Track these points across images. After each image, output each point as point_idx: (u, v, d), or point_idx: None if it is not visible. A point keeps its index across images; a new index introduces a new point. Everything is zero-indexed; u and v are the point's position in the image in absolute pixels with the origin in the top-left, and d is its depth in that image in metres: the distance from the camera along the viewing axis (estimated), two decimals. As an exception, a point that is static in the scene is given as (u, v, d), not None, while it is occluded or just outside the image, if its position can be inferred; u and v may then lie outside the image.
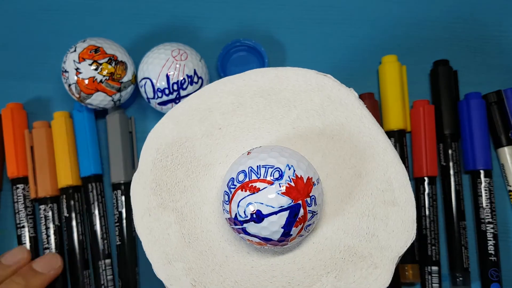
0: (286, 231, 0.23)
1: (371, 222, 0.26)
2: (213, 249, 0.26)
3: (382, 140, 0.27)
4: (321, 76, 0.28)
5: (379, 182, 0.27)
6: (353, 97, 0.28)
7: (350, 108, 0.27)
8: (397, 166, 0.27)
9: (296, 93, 0.28)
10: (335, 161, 0.27)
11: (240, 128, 0.27)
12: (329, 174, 0.27)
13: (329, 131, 0.27)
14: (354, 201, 0.27)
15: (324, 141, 0.27)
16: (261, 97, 0.28)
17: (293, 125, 0.27)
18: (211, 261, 0.26)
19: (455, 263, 0.38)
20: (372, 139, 0.27)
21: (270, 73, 0.28)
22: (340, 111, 0.27)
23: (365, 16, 0.43)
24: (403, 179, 0.27)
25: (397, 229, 0.26)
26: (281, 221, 0.23)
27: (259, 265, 0.26)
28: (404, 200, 0.26)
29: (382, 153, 0.27)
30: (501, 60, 0.42)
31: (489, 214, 0.38)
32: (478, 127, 0.38)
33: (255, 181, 0.23)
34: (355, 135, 0.27)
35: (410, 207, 0.26)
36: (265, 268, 0.26)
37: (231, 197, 0.23)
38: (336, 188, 0.27)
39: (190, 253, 0.26)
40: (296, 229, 0.23)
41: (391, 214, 0.26)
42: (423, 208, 0.38)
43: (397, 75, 0.39)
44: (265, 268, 0.26)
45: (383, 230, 0.26)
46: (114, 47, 0.37)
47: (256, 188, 0.23)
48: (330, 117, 0.27)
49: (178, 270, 0.25)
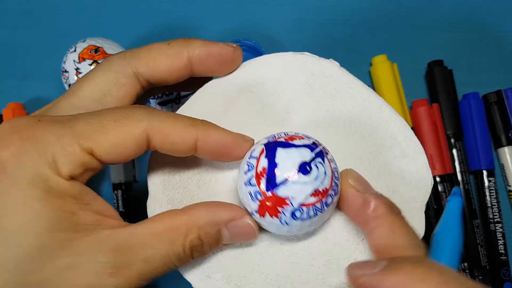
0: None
1: (388, 179, 0.26)
2: (246, 250, 0.26)
3: (375, 100, 0.27)
4: (299, 55, 0.28)
5: (384, 140, 0.27)
6: (335, 67, 0.28)
7: (335, 78, 0.28)
8: (396, 120, 0.27)
9: (280, 78, 0.28)
10: (337, 131, 0.27)
11: (237, 126, 0.27)
12: (336, 145, 0.27)
13: (322, 105, 0.27)
14: (366, 164, 0.27)
15: (321, 116, 0.27)
16: (248, 91, 0.28)
17: (287, 110, 0.27)
18: (248, 262, 0.26)
19: (473, 262, 0.37)
20: (365, 101, 0.27)
21: (250, 65, 0.28)
22: (327, 83, 0.28)
23: (365, 16, 0.43)
24: (406, 130, 0.27)
25: (414, 180, 0.26)
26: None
27: (295, 252, 0.26)
28: (412, 149, 0.27)
29: (378, 111, 0.27)
30: (501, 60, 0.42)
31: (497, 214, 0.38)
32: (479, 127, 0.39)
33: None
34: (348, 101, 0.27)
35: (419, 154, 0.26)
36: (302, 253, 0.26)
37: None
38: (346, 158, 0.27)
39: (225, 261, 0.26)
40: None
41: (404, 167, 0.26)
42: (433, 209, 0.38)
43: (390, 75, 0.40)
44: (302, 253, 0.26)
45: (401, 183, 0.26)
46: (114, 47, 0.37)
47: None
48: (319, 92, 0.28)
49: (219, 280, 0.25)
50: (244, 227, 0.24)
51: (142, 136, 0.22)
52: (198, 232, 0.23)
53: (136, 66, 0.25)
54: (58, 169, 0.21)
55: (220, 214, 0.24)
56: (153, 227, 0.22)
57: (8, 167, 0.21)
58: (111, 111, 0.22)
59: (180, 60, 0.25)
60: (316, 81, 0.28)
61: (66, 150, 0.21)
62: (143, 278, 0.22)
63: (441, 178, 0.38)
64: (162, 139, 0.22)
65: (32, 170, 0.20)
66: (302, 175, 0.22)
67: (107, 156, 0.22)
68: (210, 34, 0.43)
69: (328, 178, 0.23)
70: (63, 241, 0.21)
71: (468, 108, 0.39)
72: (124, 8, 0.44)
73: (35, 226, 0.20)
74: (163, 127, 0.22)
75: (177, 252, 0.22)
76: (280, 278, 0.25)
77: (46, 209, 0.20)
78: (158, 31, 0.43)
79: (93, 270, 0.21)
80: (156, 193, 0.27)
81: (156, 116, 0.22)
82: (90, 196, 0.22)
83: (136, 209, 0.39)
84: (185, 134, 0.22)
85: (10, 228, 0.20)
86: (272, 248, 0.26)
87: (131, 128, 0.21)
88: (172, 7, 0.44)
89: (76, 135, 0.21)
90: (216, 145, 0.23)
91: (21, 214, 0.20)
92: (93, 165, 0.22)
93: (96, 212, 0.22)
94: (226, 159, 0.24)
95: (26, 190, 0.20)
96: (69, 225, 0.21)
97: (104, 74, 0.25)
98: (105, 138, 0.21)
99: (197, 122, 0.23)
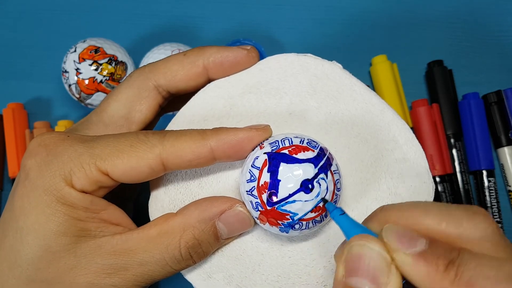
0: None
1: (389, 182, 0.26)
2: (247, 251, 0.26)
3: (377, 103, 0.27)
4: (302, 56, 0.28)
5: (386, 143, 0.27)
6: (338, 69, 0.28)
7: (338, 80, 0.28)
8: (398, 123, 0.27)
9: (283, 79, 0.28)
10: (339, 133, 0.27)
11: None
12: (337, 147, 0.27)
13: (325, 107, 0.27)
14: (368, 167, 0.27)
15: (323, 117, 0.27)
16: (250, 93, 0.28)
17: (289, 111, 0.27)
18: (249, 263, 0.26)
19: None
20: (368, 103, 0.27)
21: (253, 67, 0.28)
22: (330, 85, 0.28)
23: (365, 16, 0.43)
24: (407, 133, 0.27)
25: (414, 184, 0.26)
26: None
27: (296, 253, 0.26)
28: (414, 153, 0.27)
29: (380, 114, 0.27)
30: (501, 60, 0.42)
31: (497, 214, 0.38)
32: (479, 128, 0.39)
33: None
34: (350, 103, 0.27)
35: (420, 159, 0.27)
36: (302, 255, 0.26)
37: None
38: (347, 160, 0.27)
39: (226, 261, 0.26)
40: None
41: (405, 170, 0.26)
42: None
43: (390, 75, 0.40)
44: (303, 255, 0.26)
45: (402, 187, 0.26)
46: (114, 47, 0.37)
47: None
48: (322, 94, 0.28)
49: (220, 280, 0.26)
50: (237, 216, 0.25)
51: (155, 160, 0.23)
52: (192, 232, 0.24)
53: (155, 79, 0.27)
54: (72, 182, 0.23)
55: (211, 209, 0.24)
56: (147, 232, 0.24)
57: (31, 174, 0.23)
58: (129, 136, 0.24)
59: (196, 68, 0.27)
60: (319, 83, 0.28)
61: (83, 167, 0.23)
62: (140, 280, 0.23)
63: (441, 178, 0.38)
64: (177, 160, 0.23)
65: (49, 179, 0.23)
66: (304, 194, 0.23)
67: (122, 177, 0.23)
68: (210, 34, 0.43)
69: (330, 193, 0.23)
70: (67, 244, 0.23)
71: (468, 108, 0.39)
72: (124, 8, 0.44)
73: (43, 228, 0.22)
74: (175, 149, 0.23)
75: (172, 255, 0.23)
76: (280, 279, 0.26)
77: (55, 215, 0.23)
78: (158, 31, 0.43)
79: (92, 270, 0.22)
80: (157, 194, 0.27)
81: (168, 140, 0.23)
82: (100, 206, 0.24)
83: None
84: (198, 149, 0.23)
85: (25, 228, 0.23)
86: (273, 249, 0.26)
87: (145, 154, 0.23)
88: (172, 7, 0.44)
89: (94, 156, 0.23)
90: (231, 147, 0.24)
91: (34, 217, 0.23)
92: (108, 183, 0.24)
93: (103, 220, 0.24)
94: (245, 156, 0.25)
95: (41, 196, 0.23)
96: (74, 230, 0.23)
97: (126, 91, 0.27)
98: (121, 162, 0.23)
99: (207, 134, 0.24)
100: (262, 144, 0.24)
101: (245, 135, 0.24)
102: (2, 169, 0.40)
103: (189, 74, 0.27)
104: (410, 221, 0.19)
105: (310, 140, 0.24)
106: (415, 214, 0.19)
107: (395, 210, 0.20)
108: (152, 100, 0.27)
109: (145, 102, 0.27)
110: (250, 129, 0.24)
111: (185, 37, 0.43)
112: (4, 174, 0.41)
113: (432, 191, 0.26)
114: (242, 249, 0.26)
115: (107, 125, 0.27)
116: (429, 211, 0.19)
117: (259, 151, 0.24)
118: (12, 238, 0.23)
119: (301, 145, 0.23)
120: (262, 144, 0.24)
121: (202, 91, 0.28)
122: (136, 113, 0.27)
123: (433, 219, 0.19)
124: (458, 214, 0.19)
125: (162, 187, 0.27)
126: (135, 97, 0.27)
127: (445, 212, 0.19)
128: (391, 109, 0.27)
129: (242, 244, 0.26)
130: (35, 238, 0.22)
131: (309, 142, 0.24)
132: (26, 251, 0.23)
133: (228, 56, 0.27)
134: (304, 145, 0.23)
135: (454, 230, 0.18)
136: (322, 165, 0.23)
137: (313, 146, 0.24)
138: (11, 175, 0.39)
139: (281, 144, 0.24)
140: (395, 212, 0.19)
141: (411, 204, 0.20)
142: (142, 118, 0.27)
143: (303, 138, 0.24)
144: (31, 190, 0.23)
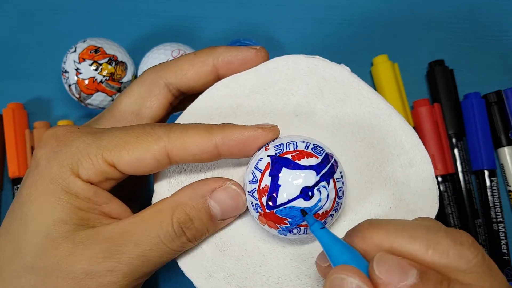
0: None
1: (394, 188, 0.26)
2: (249, 251, 0.26)
3: (384, 107, 0.27)
4: (311, 58, 0.28)
5: (393, 148, 0.27)
6: (346, 72, 0.28)
7: (346, 83, 0.27)
8: (405, 128, 0.27)
9: (290, 80, 0.28)
10: (345, 137, 0.27)
11: None
12: (343, 150, 0.27)
13: (331, 110, 0.27)
14: (373, 171, 0.27)
15: (329, 120, 0.27)
16: (257, 93, 0.27)
17: (296, 113, 0.27)
18: (250, 264, 0.26)
19: None
20: (375, 107, 0.27)
21: (261, 67, 0.28)
22: (337, 88, 0.27)
23: (366, 16, 0.43)
24: (414, 139, 0.27)
25: (420, 189, 0.26)
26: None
27: (297, 255, 0.26)
28: (420, 159, 0.27)
29: (387, 119, 0.27)
30: (501, 60, 0.42)
31: (499, 214, 0.38)
32: (481, 127, 0.39)
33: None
34: (358, 107, 0.27)
35: (426, 165, 0.26)
36: (303, 257, 0.26)
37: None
38: (352, 163, 0.27)
39: (227, 261, 0.26)
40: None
41: (411, 176, 0.26)
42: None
43: (391, 75, 0.40)
44: (304, 257, 0.26)
45: (407, 192, 0.26)
46: (114, 47, 0.37)
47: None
48: (329, 97, 0.27)
49: (221, 280, 0.26)
50: (228, 193, 0.25)
51: (161, 152, 0.24)
52: (184, 208, 0.24)
53: (166, 78, 0.27)
54: (79, 172, 0.24)
55: (202, 186, 0.25)
56: (143, 214, 0.24)
57: (40, 164, 0.24)
58: (136, 128, 0.24)
59: (206, 67, 0.27)
60: (326, 85, 0.27)
61: (90, 158, 0.23)
62: (136, 263, 0.23)
63: (443, 178, 0.38)
64: (182, 153, 0.24)
65: (57, 169, 0.23)
66: (303, 201, 0.23)
67: (128, 168, 0.24)
68: (210, 34, 0.43)
69: (330, 202, 0.23)
70: (66, 231, 0.23)
71: (470, 108, 0.39)
72: (124, 8, 0.44)
73: (45, 216, 0.23)
74: (181, 142, 0.24)
75: (166, 231, 0.24)
76: (281, 281, 0.25)
77: (58, 203, 0.23)
78: (158, 31, 0.43)
79: (88, 256, 0.23)
80: (161, 190, 0.27)
81: (174, 132, 0.24)
82: (103, 198, 0.24)
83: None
84: (203, 143, 0.24)
85: (29, 215, 0.23)
86: (274, 250, 0.26)
87: (151, 145, 0.23)
88: (172, 7, 0.44)
89: (101, 147, 0.24)
90: (236, 145, 0.24)
91: (38, 204, 0.23)
92: (115, 175, 0.24)
93: (103, 213, 0.24)
94: (250, 154, 0.25)
95: (47, 184, 0.23)
96: (75, 219, 0.23)
97: (138, 88, 0.28)
98: (127, 153, 0.23)
99: (213, 128, 0.24)
100: (267, 145, 0.24)
101: (252, 133, 0.24)
102: (2, 169, 0.40)
103: (199, 73, 0.27)
104: (395, 245, 0.19)
105: (316, 146, 0.24)
106: (401, 239, 0.19)
107: (381, 232, 0.20)
108: (163, 97, 0.28)
109: (155, 99, 0.27)
110: (257, 128, 0.24)
111: (185, 37, 0.43)
112: (4, 174, 0.41)
113: (436, 197, 0.26)
114: (243, 250, 0.26)
115: (118, 121, 0.27)
116: (416, 238, 0.19)
117: (263, 153, 0.24)
118: (17, 223, 0.24)
119: (305, 150, 0.23)
120: (267, 145, 0.24)
121: (209, 89, 0.28)
122: (147, 110, 0.27)
123: (420, 245, 0.19)
124: (445, 244, 0.19)
125: (166, 184, 0.27)
126: (146, 94, 0.27)
127: (432, 240, 0.19)
128: (398, 114, 0.27)
129: (243, 244, 0.26)
130: (37, 225, 0.23)
131: (315, 148, 0.24)
132: (28, 237, 0.23)
133: (238, 56, 0.27)
134: (308, 151, 0.23)
135: (440, 260, 0.19)
136: (324, 173, 0.23)
137: (318, 153, 0.23)
138: (11, 175, 0.39)
139: (286, 148, 0.24)
140: (381, 233, 0.20)
141: (398, 226, 0.20)
142: (152, 115, 0.28)
143: (309, 143, 0.24)
144: (39, 179, 0.24)
